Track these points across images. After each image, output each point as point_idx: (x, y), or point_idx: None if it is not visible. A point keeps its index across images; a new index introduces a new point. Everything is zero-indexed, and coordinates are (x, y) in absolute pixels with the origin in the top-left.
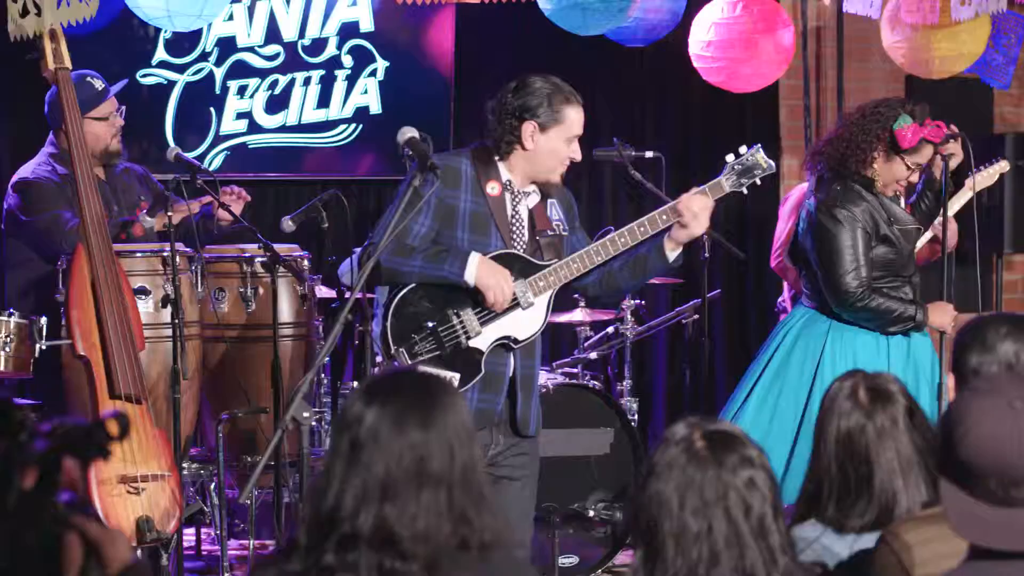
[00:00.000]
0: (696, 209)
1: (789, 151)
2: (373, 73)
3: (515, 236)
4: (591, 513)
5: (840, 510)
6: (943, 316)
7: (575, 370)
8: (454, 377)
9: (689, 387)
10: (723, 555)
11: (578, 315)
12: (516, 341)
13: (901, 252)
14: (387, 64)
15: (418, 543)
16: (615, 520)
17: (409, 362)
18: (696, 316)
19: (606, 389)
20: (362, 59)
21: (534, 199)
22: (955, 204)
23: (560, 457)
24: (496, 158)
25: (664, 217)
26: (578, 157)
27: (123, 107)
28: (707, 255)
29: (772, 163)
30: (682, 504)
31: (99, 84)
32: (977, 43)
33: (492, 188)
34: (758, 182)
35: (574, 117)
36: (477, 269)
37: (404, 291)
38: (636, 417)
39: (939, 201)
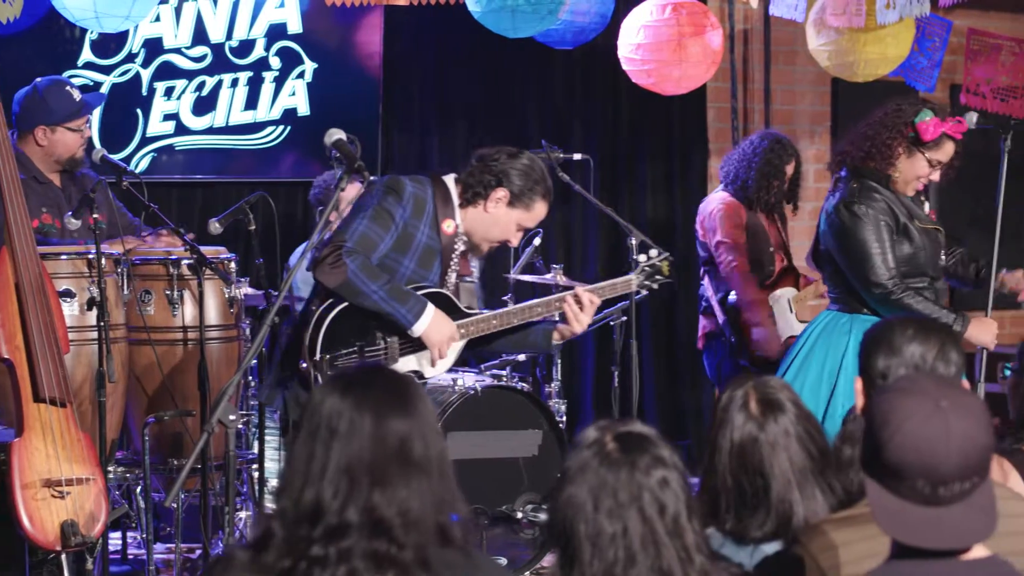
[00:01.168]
0: (582, 311)
1: (716, 153)
2: (301, 75)
3: (448, 276)
4: (519, 515)
5: (739, 520)
6: (985, 333)
7: (503, 372)
8: None
9: (617, 388)
10: (639, 555)
11: None
12: (422, 376)
13: (924, 249)
14: (315, 66)
15: (409, 531)
16: (543, 522)
17: (326, 371)
18: (624, 318)
19: (534, 391)
20: (290, 61)
21: (461, 246)
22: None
23: (488, 459)
24: (455, 200)
25: (557, 305)
26: (515, 244)
27: (90, 116)
28: (634, 257)
29: (671, 279)
30: (596, 506)
31: (77, 95)
32: (902, 46)
33: (448, 226)
34: (655, 287)
35: (540, 211)
36: (430, 323)
37: (344, 305)
38: (564, 419)
39: None
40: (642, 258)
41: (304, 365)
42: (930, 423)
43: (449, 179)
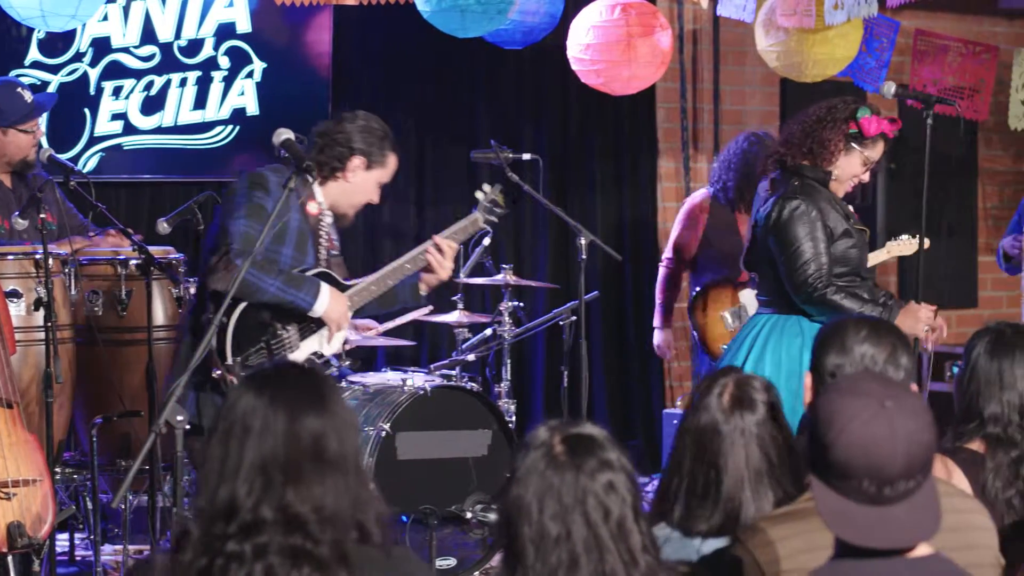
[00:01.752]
0: (444, 257)
1: (666, 153)
2: (250, 74)
3: (320, 254)
4: (469, 515)
5: (688, 509)
6: (912, 320)
7: (453, 372)
8: None
9: (567, 388)
10: (582, 559)
11: (456, 316)
12: (321, 356)
13: (858, 249)
14: (264, 65)
15: (324, 527)
16: (492, 522)
17: (239, 372)
18: (574, 318)
19: (484, 391)
20: (239, 60)
21: (329, 220)
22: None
23: (438, 459)
24: (313, 180)
25: (422, 258)
26: (376, 201)
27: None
28: (584, 257)
29: (508, 209)
30: (541, 509)
31: (28, 96)
32: (850, 47)
33: (312, 207)
34: (496, 220)
35: (393, 163)
36: (328, 302)
37: (242, 307)
38: (514, 419)
39: None
40: (480, 195)
41: (217, 372)
42: (875, 423)
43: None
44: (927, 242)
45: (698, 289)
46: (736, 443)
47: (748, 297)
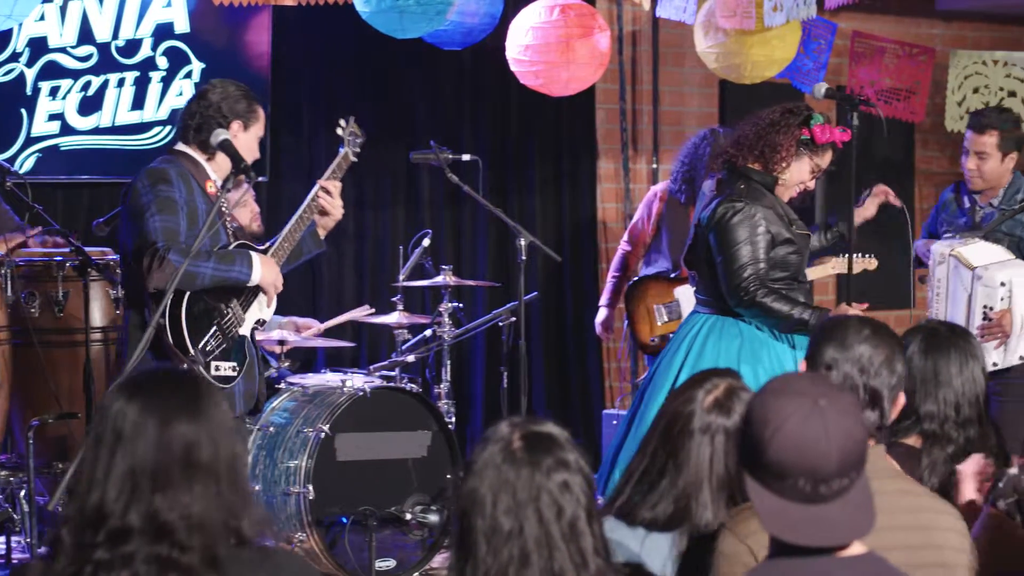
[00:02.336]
0: (333, 198)
1: (605, 154)
2: (189, 75)
3: (228, 229)
4: (408, 516)
5: (637, 493)
6: None
7: (392, 373)
8: (234, 367)
9: (507, 389)
10: (533, 556)
11: (395, 318)
12: (263, 323)
13: (799, 255)
14: (203, 66)
15: (193, 534)
16: (432, 523)
17: (203, 360)
18: (513, 319)
19: (424, 392)
20: (177, 60)
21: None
22: (816, 273)
23: (377, 460)
24: (201, 161)
25: (316, 204)
26: (258, 155)
27: None
28: (523, 258)
29: (363, 135)
30: (495, 503)
31: None
32: (788, 49)
33: (210, 187)
34: (359, 148)
35: (263, 115)
36: (261, 269)
37: (187, 299)
38: (454, 419)
39: None
40: (340, 131)
41: (184, 366)
42: (809, 422)
43: (181, 146)
44: (875, 262)
45: (636, 279)
46: (703, 443)
47: (683, 293)
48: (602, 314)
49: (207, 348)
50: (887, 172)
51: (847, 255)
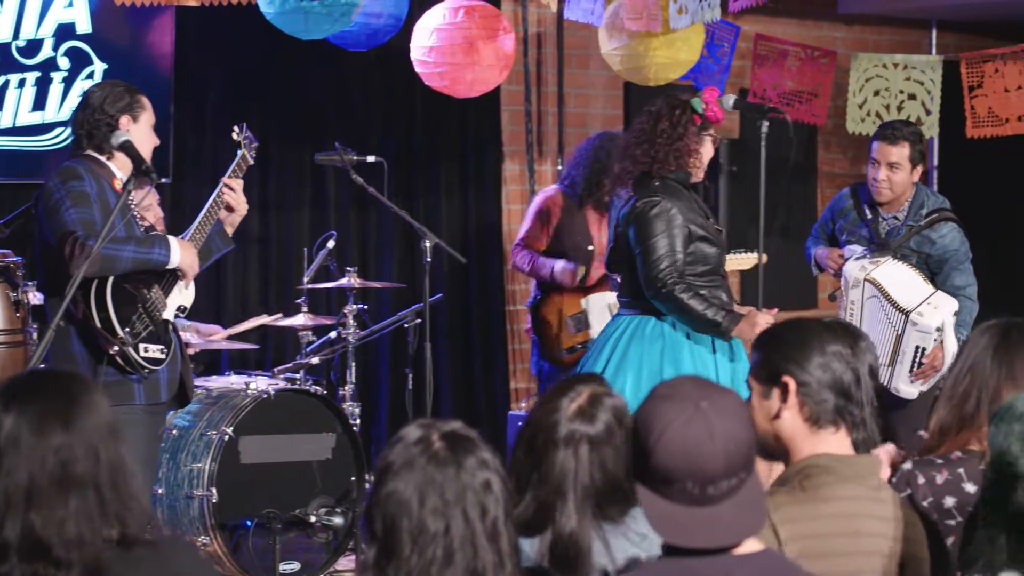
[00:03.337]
0: (237, 194)
1: (510, 156)
2: (91, 75)
3: (140, 225)
4: (313, 518)
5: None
6: (749, 328)
7: (297, 375)
8: (163, 349)
9: (412, 390)
10: (458, 555)
11: (300, 320)
12: (184, 309)
13: (718, 249)
14: (105, 66)
15: (71, 549)
16: (337, 525)
17: (133, 342)
18: (419, 320)
19: (328, 394)
20: (79, 61)
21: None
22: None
23: (281, 462)
24: (104, 159)
25: (221, 199)
26: (158, 142)
27: None
28: (428, 259)
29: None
30: (422, 503)
31: None
32: (692, 51)
33: (117, 184)
34: (255, 154)
35: (149, 104)
36: (180, 251)
37: (110, 285)
38: (358, 421)
39: None
40: (235, 136)
41: (115, 349)
42: (693, 425)
43: (80, 151)
44: (764, 257)
45: (541, 293)
46: (567, 454)
47: (591, 302)
48: (562, 264)
49: (135, 331)
50: (790, 174)
51: (740, 253)
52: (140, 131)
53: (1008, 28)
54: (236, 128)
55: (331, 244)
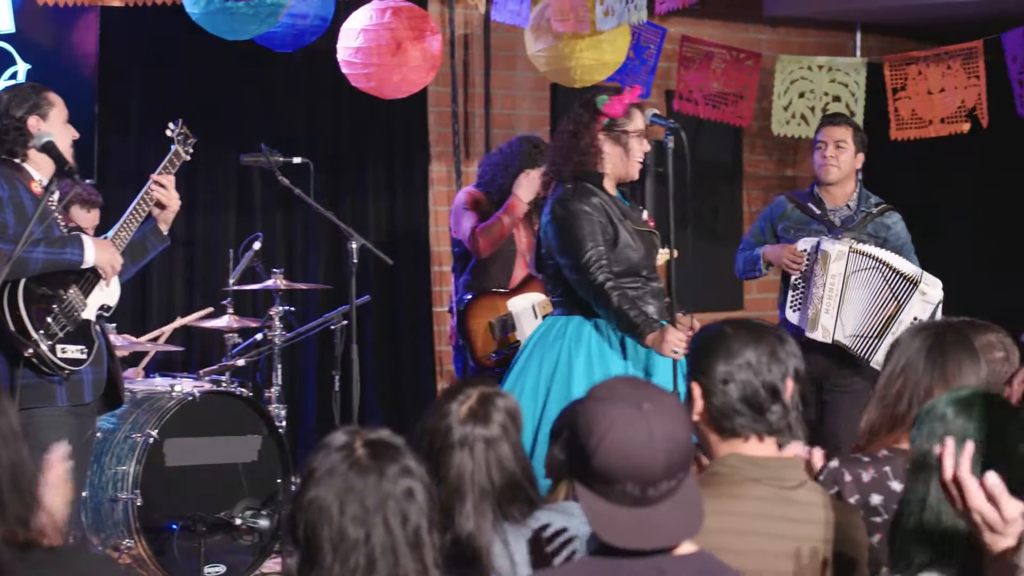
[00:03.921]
0: (168, 191)
1: (437, 157)
2: (14, 75)
3: (62, 226)
4: (238, 521)
5: None
6: (660, 342)
7: (223, 377)
8: (83, 350)
9: (338, 393)
10: (379, 563)
11: (225, 321)
12: (108, 308)
13: (636, 250)
14: (28, 66)
15: None
16: (263, 527)
17: (48, 343)
18: (345, 322)
19: (254, 396)
20: (2, 61)
21: (53, 192)
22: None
23: (207, 465)
24: (18, 162)
25: (150, 196)
26: (77, 135)
27: None
28: (355, 261)
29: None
30: (342, 510)
31: None
32: (618, 53)
33: (35, 186)
34: (192, 148)
35: (58, 99)
36: (95, 249)
37: (21, 288)
38: (284, 424)
39: None
40: (169, 132)
41: (29, 351)
42: (634, 427)
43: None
44: (675, 252)
45: (468, 297)
46: (464, 456)
47: (517, 304)
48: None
49: (51, 332)
50: (715, 176)
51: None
52: (53, 128)
53: (931, 31)
54: (171, 124)
55: (257, 245)
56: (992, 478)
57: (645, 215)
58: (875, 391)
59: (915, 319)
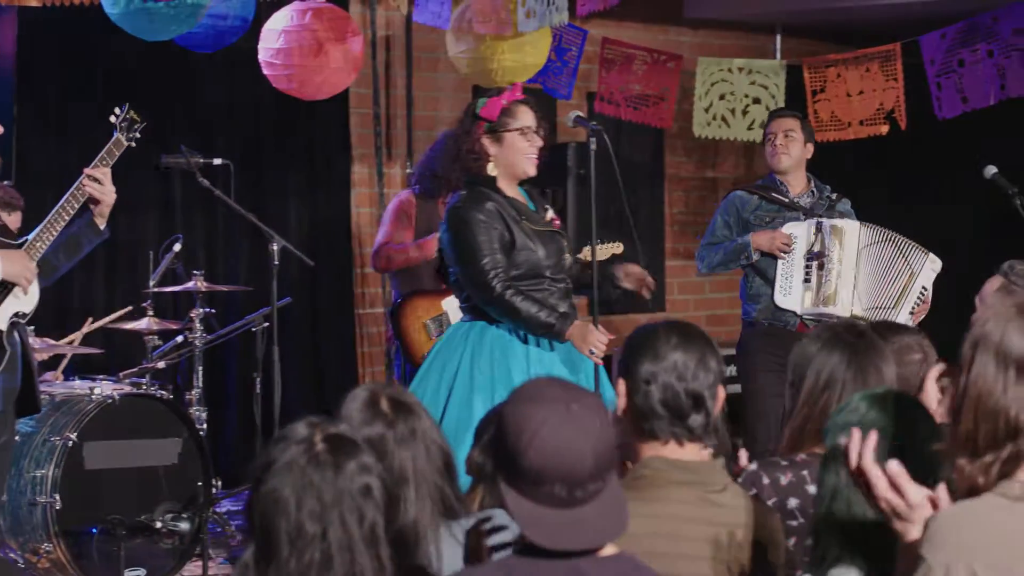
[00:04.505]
0: (102, 184)
1: (359, 159)
2: None
3: None
4: (159, 524)
5: None
6: (580, 340)
7: (143, 380)
8: None
9: (260, 395)
10: (336, 560)
11: (145, 324)
12: (24, 316)
13: (535, 252)
14: None
15: None
16: (183, 530)
17: None
18: (267, 324)
19: (175, 398)
20: None
21: None
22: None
23: (127, 468)
24: None
25: (80, 194)
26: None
27: None
28: (277, 263)
29: (144, 121)
30: (299, 505)
31: None
32: (539, 54)
33: None
34: (139, 133)
35: None
36: (3, 264)
37: None
38: (205, 426)
39: None
40: (113, 119)
41: None
42: (564, 428)
43: None
44: (620, 246)
45: (401, 297)
46: (405, 446)
47: (451, 304)
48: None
49: None
50: (637, 177)
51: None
52: None
53: (849, 34)
54: (116, 109)
55: (177, 247)
56: (894, 466)
57: (550, 215)
58: (798, 405)
59: (924, 289)
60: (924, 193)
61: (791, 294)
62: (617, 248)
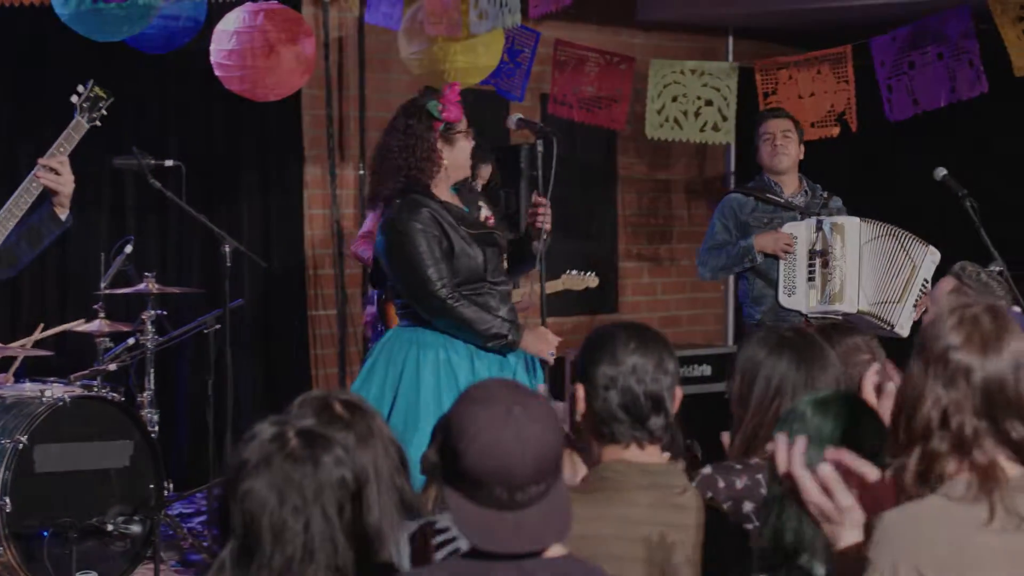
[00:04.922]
0: (59, 174)
1: (312, 160)
2: None
3: None
4: (110, 527)
5: None
6: (539, 343)
7: (94, 382)
8: None
9: (213, 397)
10: (319, 552)
11: (96, 326)
12: None
13: (474, 257)
14: None
15: None
16: (135, 533)
17: None
18: (219, 326)
19: (126, 401)
20: None
21: None
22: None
23: (78, 471)
24: None
25: (36, 186)
26: None
27: None
28: (229, 264)
29: (111, 97)
30: (281, 501)
31: None
32: (492, 56)
33: None
34: (105, 112)
35: None
36: None
37: None
38: (157, 429)
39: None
40: (74, 99)
41: None
42: (505, 430)
43: None
44: (595, 279)
45: (381, 298)
46: (366, 445)
47: None
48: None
49: None
50: (590, 178)
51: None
52: None
53: (801, 36)
54: (80, 88)
55: (129, 249)
56: (826, 469)
57: (484, 214)
58: (750, 411)
59: (925, 281)
60: (874, 194)
61: (796, 294)
62: (592, 281)
